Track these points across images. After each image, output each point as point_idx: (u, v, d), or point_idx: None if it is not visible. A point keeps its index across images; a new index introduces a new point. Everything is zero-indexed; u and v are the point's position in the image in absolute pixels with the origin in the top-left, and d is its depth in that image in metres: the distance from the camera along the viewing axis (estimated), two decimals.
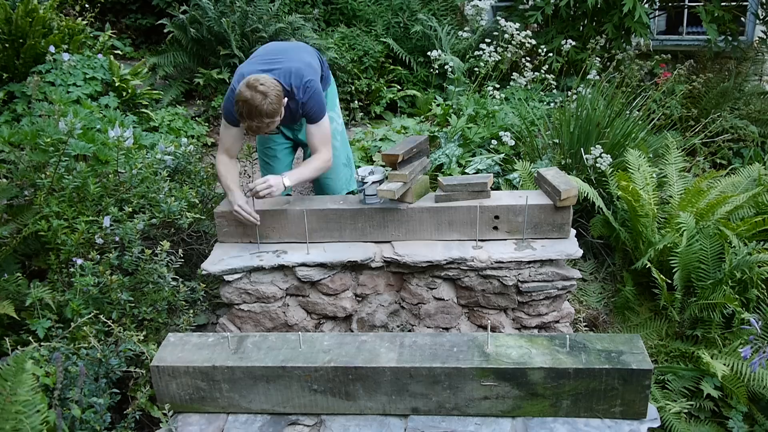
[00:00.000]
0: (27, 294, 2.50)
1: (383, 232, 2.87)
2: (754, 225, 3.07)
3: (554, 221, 2.78)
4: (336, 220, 2.85)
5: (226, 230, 2.91)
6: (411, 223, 2.84)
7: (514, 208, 2.77)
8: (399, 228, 2.85)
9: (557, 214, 2.77)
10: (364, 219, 2.85)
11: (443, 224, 2.83)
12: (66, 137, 2.80)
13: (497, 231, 2.82)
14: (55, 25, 4.59)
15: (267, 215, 2.83)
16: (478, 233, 2.80)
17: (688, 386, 2.79)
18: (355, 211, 2.84)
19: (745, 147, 4.73)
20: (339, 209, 2.84)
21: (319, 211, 2.84)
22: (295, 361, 2.26)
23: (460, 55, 5.63)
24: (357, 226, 2.86)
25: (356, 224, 2.86)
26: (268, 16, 5.69)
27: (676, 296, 2.99)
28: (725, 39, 5.58)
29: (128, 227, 2.64)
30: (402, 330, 2.95)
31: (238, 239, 2.92)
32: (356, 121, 5.90)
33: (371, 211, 2.83)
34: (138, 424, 2.49)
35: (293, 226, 2.86)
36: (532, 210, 2.77)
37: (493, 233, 2.83)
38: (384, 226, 2.85)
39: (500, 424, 2.21)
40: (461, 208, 2.80)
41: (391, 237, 2.87)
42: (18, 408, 1.87)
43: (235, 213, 2.76)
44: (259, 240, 2.86)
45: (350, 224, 2.86)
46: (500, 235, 2.82)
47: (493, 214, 2.79)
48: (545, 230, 2.80)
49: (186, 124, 4.84)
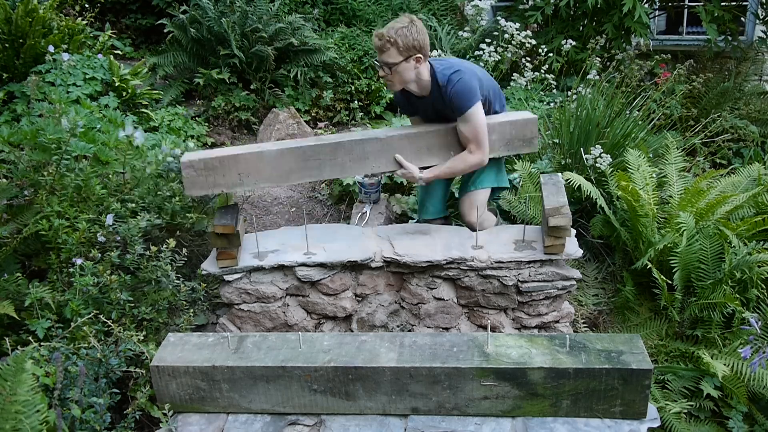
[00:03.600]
0: (27, 294, 2.50)
1: (363, 164, 2.81)
2: (754, 225, 3.07)
3: (524, 135, 2.88)
4: (315, 157, 2.74)
5: (194, 181, 2.68)
6: (390, 152, 2.78)
7: (489, 126, 2.78)
8: (379, 158, 2.79)
9: (526, 128, 2.87)
10: (344, 153, 2.76)
11: (422, 150, 2.82)
12: (68, 136, 2.80)
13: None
14: (55, 25, 4.59)
15: (241, 159, 2.68)
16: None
17: (688, 386, 2.79)
18: (334, 145, 2.75)
19: (745, 147, 4.73)
20: (317, 145, 2.74)
21: (297, 149, 2.72)
22: (295, 361, 2.26)
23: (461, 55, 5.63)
24: (337, 161, 2.76)
25: (336, 159, 2.76)
26: (268, 16, 5.69)
27: (676, 296, 2.99)
28: (725, 39, 5.58)
29: (131, 225, 2.64)
30: (402, 330, 2.95)
31: (208, 190, 2.73)
32: (356, 121, 5.90)
33: (351, 144, 2.76)
34: (138, 424, 2.49)
35: (269, 168, 2.72)
36: (503, 127, 2.84)
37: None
38: (364, 158, 2.78)
39: (500, 424, 2.21)
40: (439, 131, 2.80)
41: (372, 168, 2.83)
42: (18, 408, 1.87)
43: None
44: (231, 187, 2.71)
45: (330, 160, 2.75)
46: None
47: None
48: (516, 145, 2.90)
49: (186, 124, 4.84)
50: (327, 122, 5.83)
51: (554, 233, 2.64)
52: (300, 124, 5.57)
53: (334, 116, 5.95)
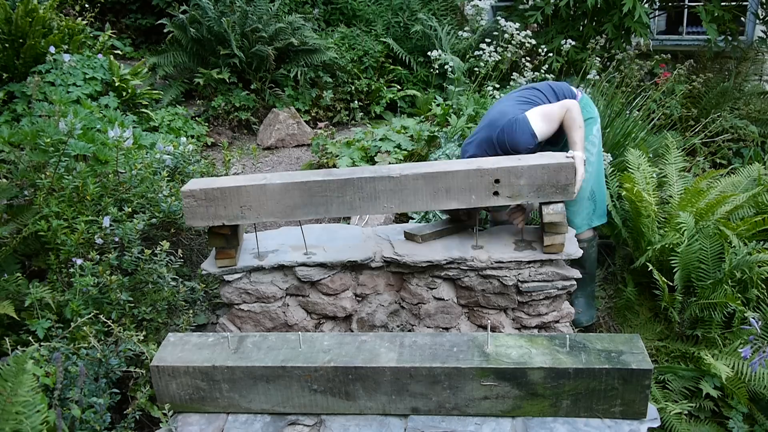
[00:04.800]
0: (27, 294, 2.50)
1: (374, 204, 2.61)
2: (754, 225, 3.07)
3: (557, 181, 2.57)
4: (322, 194, 2.58)
5: (194, 211, 2.60)
6: (404, 192, 2.58)
7: (516, 170, 2.55)
8: (391, 199, 2.59)
9: (560, 174, 2.56)
10: (353, 190, 2.57)
11: (440, 192, 2.58)
12: (66, 137, 2.80)
13: (498, 196, 2.59)
14: (55, 25, 4.59)
15: (243, 192, 2.56)
16: (477, 199, 2.61)
17: (688, 386, 2.79)
18: (342, 182, 2.57)
19: (745, 147, 4.73)
20: (324, 181, 2.57)
21: (302, 184, 2.56)
22: (295, 361, 2.26)
23: (460, 55, 5.63)
24: (345, 199, 2.59)
25: (344, 197, 2.59)
26: (268, 16, 5.70)
27: (677, 297, 2.99)
28: (725, 39, 5.58)
29: (128, 227, 2.64)
30: (402, 330, 2.95)
31: (209, 221, 2.61)
32: (356, 121, 5.90)
33: (360, 182, 2.57)
34: (138, 424, 2.50)
35: (273, 202, 2.59)
36: (533, 170, 2.56)
37: (494, 199, 2.61)
38: (375, 198, 2.59)
39: (500, 424, 2.21)
40: (459, 173, 2.56)
41: (384, 209, 2.64)
42: (18, 408, 1.87)
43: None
44: (232, 220, 2.59)
45: (338, 197, 2.59)
46: (501, 201, 2.63)
47: (493, 178, 2.56)
48: (548, 192, 2.59)
49: (186, 124, 4.85)
50: (327, 122, 5.84)
51: (551, 230, 2.64)
52: (300, 124, 5.58)
53: (334, 116, 5.96)
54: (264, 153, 5.38)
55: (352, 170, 2.68)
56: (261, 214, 2.61)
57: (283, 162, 5.17)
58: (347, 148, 4.45)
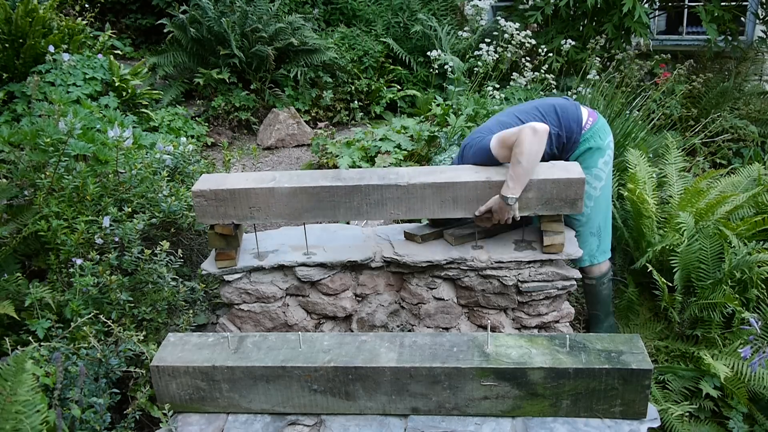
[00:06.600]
0: (27, 294, 2.50)
1: (381, 211, 2.64)
2: (754, 225, 3.07)
3: (567, 196, 2.57)
4: (329, 199, 2.61)
5: (205, 210, 2.64)
6: (412, 200, 2.61)
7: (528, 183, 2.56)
8: (399, 206, 2.63)
9: (570, 189, 2.55)
10: (361, 197, 2.61)
11: (447, 201, 2.62)
12: (66, 137, 2.80)
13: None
14: (55, 25, 4.60)
15: (252, 194, 2.60)
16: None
17: (688, 386, 2.79)
18: (350, 188, 2.60)
19: (745, 147, 4.74)
20: (332, 186, 2.60)
21: (310, 189, 2.60)
22: (295, 361, 2.26)
23: (460, 55, 5.64)
24: (353, 204, 2.63)
25: (352, 203, 2.62)
26: (268, 16, 5.70)
27: (677, 297, 2.99)
28: (725, 39, 5.59)
29: (128, 227, 2.64)
30: (402, 330, 2.95)
31: (219, 220, 2.66)
32: (356, 121, 5.90)
33: (368, 189, 2.60)
34: (138, 424, 2.50)
35: (281, 205, 2.63)
36: (543, 184, 2.57)
37: None
38: (382, 204, 2.62)
39: (500, 424, 2.21)
40: (467, 184, 2.58)
41: (390, 216, 2.65)
42: (18, 408, 1.87)
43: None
44: (241, 219, 2.64)
45: (345, 203, 2.63)
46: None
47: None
48: (557, 206, 2.60)
49: (186, 124, 4.85)
50: (327, 122, 5.84)
51: (547, 228, 2.64)
52: (300, 124, 5.58)
53: (334, 116, 5.96)
54: (264, 153, 5.38)
55: (361, 176, 2.70)
56: (269, 216, 2.67)
57: (283, 162, 5.17)
58: (347, 148, 4.45)
